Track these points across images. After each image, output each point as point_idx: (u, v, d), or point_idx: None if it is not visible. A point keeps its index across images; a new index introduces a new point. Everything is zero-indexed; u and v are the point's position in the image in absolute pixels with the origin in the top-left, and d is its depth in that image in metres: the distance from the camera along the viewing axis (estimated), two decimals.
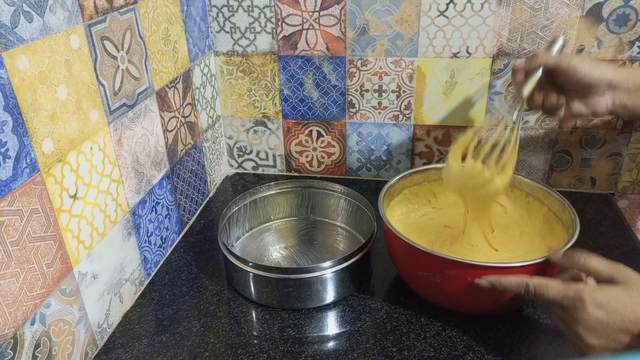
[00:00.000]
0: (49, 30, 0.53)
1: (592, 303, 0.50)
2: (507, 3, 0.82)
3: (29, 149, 0.51)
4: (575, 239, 0.62)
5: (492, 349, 0.63)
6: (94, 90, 0.61)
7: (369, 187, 0.98)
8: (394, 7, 0.86)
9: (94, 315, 0.64)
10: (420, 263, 0.64)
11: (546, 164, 0.94)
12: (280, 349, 0.64)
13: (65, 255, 0.58)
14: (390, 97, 0.94)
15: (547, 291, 0.54)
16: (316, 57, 0.92)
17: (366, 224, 0.80)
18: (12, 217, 0.49)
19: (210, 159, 0.98)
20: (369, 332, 0.66)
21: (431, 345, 0.64)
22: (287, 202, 0.88)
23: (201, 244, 0.85)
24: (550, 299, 0.54)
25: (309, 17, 0.89)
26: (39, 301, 0.54)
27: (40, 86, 0.52)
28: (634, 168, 0.92)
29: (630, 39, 0.82)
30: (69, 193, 0.57)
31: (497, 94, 0.90)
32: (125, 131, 0.68)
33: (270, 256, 0.80)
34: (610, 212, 0.90)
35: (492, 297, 0.62)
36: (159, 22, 0.75)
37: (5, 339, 0.50)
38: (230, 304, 0.72)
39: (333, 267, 0.67)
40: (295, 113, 0.99)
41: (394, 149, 0.98)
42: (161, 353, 0.64)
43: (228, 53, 0.95)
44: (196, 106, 0.90)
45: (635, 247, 0.80)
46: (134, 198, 0.71)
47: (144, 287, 0.75)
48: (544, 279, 0.55)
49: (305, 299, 0.69)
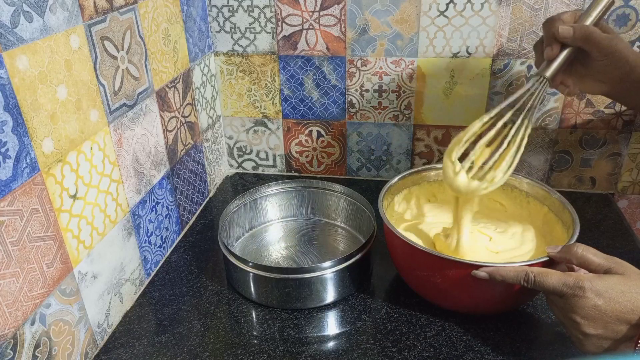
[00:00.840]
0: (49, 30, 0.53)
1: (591, 291, 0.51)
2: (507, 3, 0.82)
3: (29, 149, 0.51)
4: (576, 239, 0.62)
5: (492, 349, 0.63)
6: (94, 90, 0.61)
7: (369, 187, 0.98)
8: (394, 7, 0.86)
9: (94, 315, 0.64)
10: (420, 263, 0.64)
11: (546, 164, 0.94)
12: (280, 349, 0.64)
13: (65, 255, 0.58)
14: (390, 97, 0.94)
15: (546, 279, 0.54)
16: (316, 57, 0.92)
17: (366, 224, 0.80)
18: (12, 217, 0.49)
19: (210, 159, 0.98)
20: (369, 332, 0.66)
21: (431, 345, 0.64)
22: (287, 202, 0.88)
23: (201, 244, 0.85)
24: (550, 288, 0.54)
25: (309, 17, 0.89)
26: (39, 301, 0.54)
27: (40, 86, 0.52)
28: (634, 168, 0.92)
29: (630, 39, 0.82)
30: (69, 193, 0.57)
31: (497, 94, 0.90)
32: (125, 131, 0.68)
33: (270, 256, 0.80)
34: (610, 212, 0.90)
35: (493, 297, 0.62)
36: (159, 22, 0.75)
37: (5, 339, 0.50)
38: (230, 304, 0.72)
39: (333, 267, 0.67)
40: (295, 113, 0.99)
41: (394, 149, 0.98)
42: (161, 353, 0.64)
43: (228, 53, 0.95)
44: (196, 106, 0.90)
45: (635, 247, 0.80)
46: (134, 198, 0.71)
47: (144, 287, 0.75)
48: (543, 268, 0.56)
49: (305, 299, 0.69)
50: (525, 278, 0.56)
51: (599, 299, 0.51)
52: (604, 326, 0.51)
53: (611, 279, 0.52)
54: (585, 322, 0.51)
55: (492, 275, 0.58)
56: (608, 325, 0.51)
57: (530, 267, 0.56)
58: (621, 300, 0.50)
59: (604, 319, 0.50)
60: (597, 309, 0.51)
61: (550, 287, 0.54)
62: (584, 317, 0.51)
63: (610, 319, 0.50)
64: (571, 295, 0.52)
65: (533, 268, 0.56)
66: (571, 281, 0.52)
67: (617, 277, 0.52)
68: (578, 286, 0.51)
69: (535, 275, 0.55)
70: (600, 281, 0.51)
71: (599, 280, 0.52)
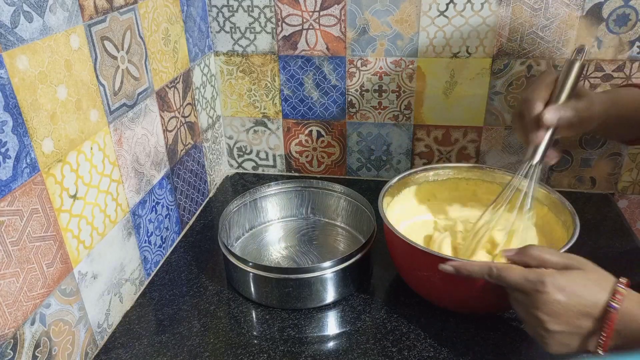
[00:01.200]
0: (49, 30, 0.53)
1: (552, 285, 0.51)
2: (507, 3, 0.82)
3: (29, 149, 0.51)
4: (576, 239, 0.62)
5: (492, 349, 0.63)
6: (94, 90, 0.61)
7: (369, 187, 0.98)
8: (394, 7, 0.86)
9: (94, 315, 0.64)
10: (420, 263, 0.64)
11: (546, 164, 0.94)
12: (280, 349, 0.64)
13: (65, 255, 0.58)
14: (390, 97, 0.94)
15: (508, 274, 0.55)
16: (316, 57, 0.92)
17: (366, 224, 0.80)
18: (12, 217, 0.49)
19: (210, 159, 0.98)
20: (369, 332, 0.66)
21: (431, 345, 0.64)
22: (287, 202, 0.88)
23: (201, 244, 0.85)
24: (512, 282, 0.54)
25: (309, 17, 0.89)
26: (39, 301, 0.54)
27: (40, 86, 0.52)
28: (634, 168, 0.92)
29: (630, 39, 0.82)
30: (69, 193, 0.57)
31: (497, 94, 0.90)
32: (125, 131, 0.68)
33: (270, 256, 0.80)
34: (610, 212, 0.90)
35: (492, 297, 0.62)
36: (159, 22, 0.75)
37: (5, 339, 0.50)
38: (230, 304, 0.72)
39: (333, 267, 0.67)
40: (295, 113, 0.99)
41: (394, 149, 0.98)
42: (161, 353, 0.64)
43: (228, 53, 0.95)
44: (196, 106, 0.90)
45: (635, 247, 0.80)
46: (134, 198, 0.71)
47: (144, 287, 0.75)
48: (507, 264, 0.56)
49: (305, 299, 0.69)
50: (489, 272, 0.56)
51: (561, 294, 0.51)
52: (567, 322, 0.51)
53: (572, 274, 0.52)
54: (549, 318, 0.51)
55: (458, 270, 0.58)
56: (571, 321, 0.51)
57: (494, 262, 0.57)
58: (583, 294, 0.51)
59: (567, 314, 0.51)
60: (560, 304, 0.51)
61: (512, 282, 0.54)
62: (548, 313, 0.51)
63: (573, 314, 0.51)
64: (533, 290, 0.52)
65: (497, 263, 0.57)
66: (533, 276, 0.53)
67: (577, 271, 0.53)
68: (540, 280, 0.52)
69: (498, 270, 0.55)
70: (561, 276, 0.52)
71: (559, 275, 0.52)
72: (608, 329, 0.50)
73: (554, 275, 0.52)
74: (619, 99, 0.67)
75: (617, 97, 0.67)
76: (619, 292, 0.50)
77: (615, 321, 0.49)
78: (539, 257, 0.55)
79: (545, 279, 0.52)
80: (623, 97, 0.68)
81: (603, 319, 0.50)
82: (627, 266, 0.76)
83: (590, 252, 0.56)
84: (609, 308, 0.49)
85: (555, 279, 0.51)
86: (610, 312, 0.49)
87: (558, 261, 0.54)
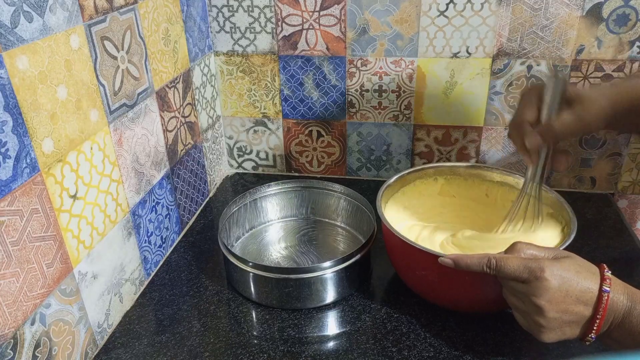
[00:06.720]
0: (49, 30, 0.53)
1: (551, 273, 0.52)
2: (507, 3, 0.82)
3: (29, 149, 0.51)
4: (572, 238, 0.62)
5: (492, 349, 0.63)
6: (94, 90, 0.61)
7: (369, 187, 0.97)
8: (394, 7, 0.86)
9: (94, 315, 0.64)
10: (417, 262, 0.64)
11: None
12: (280, 349, 0.64)
13: (65, 255, 0.58)
14: (390, 97, 0.94)
15: (507, 263, 0.55)
16: (316, 57, 0.92)
17: (366, 224, 0.80)
18: (12, 217, 0.49)
19: (210, 159, 0.98)
20: (369, 332, 0.66)
21: (431, 345, 0.64)
22: (287, 202, 0.88)
23: (201, 244, 0.85)
24: (511, 271, 0.54)
25: (309, 17, 0.89)
26: (39, 301, 0.54)
27: (40, 86, 0.52)
28: (634, 168, 0.92)
29: (630, 39, 0.82)
30: (69, 193, 0.57)
31: (497, 94, 0.90)
32: (125, 131, 0.68)
33: (270, 256, 0.80)
34: (610, 212, 0.90)
35: (491, 296, 0.62)
36: (159, 22, 0.75)
37: (5, 339, 0.50)
38: (230, 304, 0.72)
39: (333, 267, 0.67)
40: (295, 113, 0.99)
41: (394, 149, 0.98)
42: (161, 353, 0.64)
43: (228, 53, 0.95)
44: (196, 106, 0.90)
45: (635, 247, 0.80)
46: (134, 198, 0.71)
47: (144, 287, 0.75)
48: (505, 254, 0.57)
49: (305, 299, 0.69)
50: (488, 264, 0.56)
51: (560, 280, 0.52)
52: (565, 309, 0.52)
53: (564, 261, 0.54)
54: (549, 305, 0.52)
55: (457, 263, 0.58)
56: (569, 308, 0.52)
57: (492, 254, 0.57)
58: (578, 280, 0.52)
59: (566, 300, 0.52)
60: (559, 291, 0.52)
61: (511, 270, 0.54)
62: (548, 300, 0.52)
63: (571, 300, 0.52)
64: (534, 278, 0.53)
65: (495, 254, 0.57)
66: (534, 264, 0.53)
67: (568, 259, 0.54)
68: (540, 268, 0.53)
69: (497, 260, 0.56)
70: (557, 263, 0.53)
71: (556, 263, 0.53)
72: (603, 313, 0.51)
73: (552, 263, 0.53)
74: (628, 89, 0.64)
75: (625, 86, 0.65)
76: (608, 277, 0.52)
77: (608, 305, 0.51)
78: (528, 251, 0.56)
79: (544, 266, 0.53)
80: (634, 86, 0.65)
81: (598, 303, 0.52)
82: (627, 266, 0.76)
83: (590, 252, 0.56)
84: (602, 292, 0.51)
85: (553, 267, 0.53)
86: (604, 296, 0.51)
87: (547, 253, 0.56)
